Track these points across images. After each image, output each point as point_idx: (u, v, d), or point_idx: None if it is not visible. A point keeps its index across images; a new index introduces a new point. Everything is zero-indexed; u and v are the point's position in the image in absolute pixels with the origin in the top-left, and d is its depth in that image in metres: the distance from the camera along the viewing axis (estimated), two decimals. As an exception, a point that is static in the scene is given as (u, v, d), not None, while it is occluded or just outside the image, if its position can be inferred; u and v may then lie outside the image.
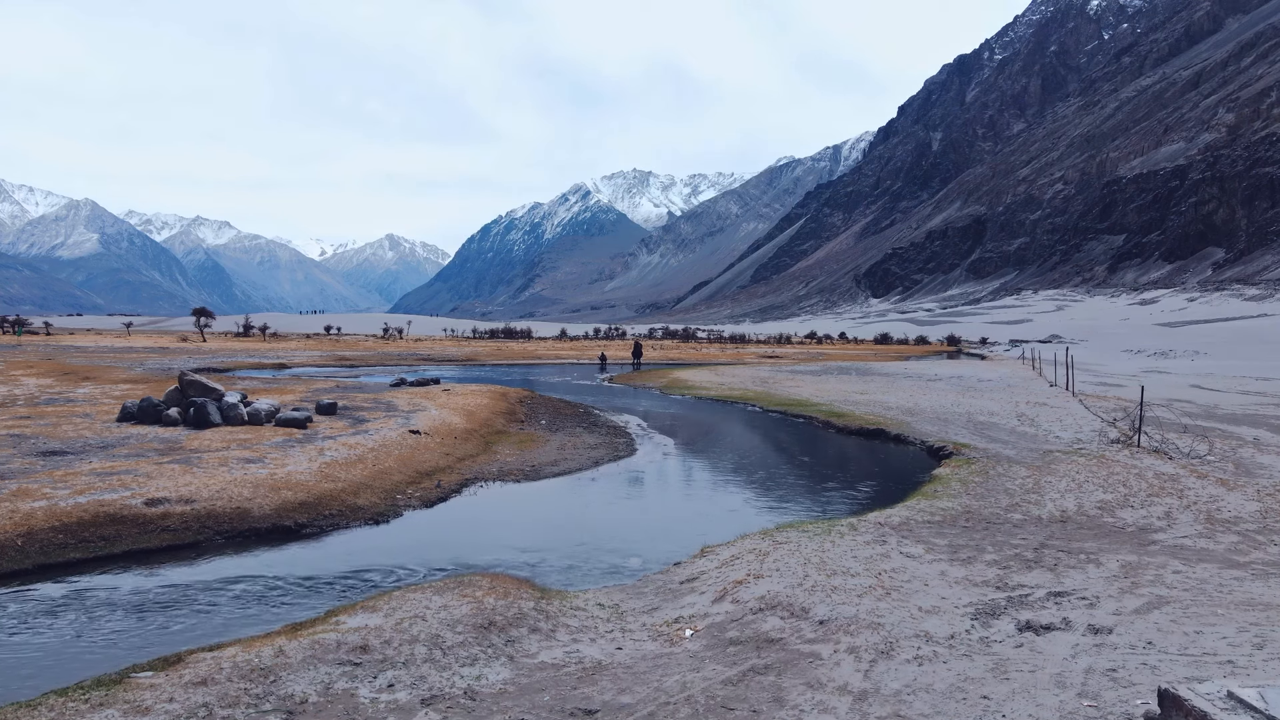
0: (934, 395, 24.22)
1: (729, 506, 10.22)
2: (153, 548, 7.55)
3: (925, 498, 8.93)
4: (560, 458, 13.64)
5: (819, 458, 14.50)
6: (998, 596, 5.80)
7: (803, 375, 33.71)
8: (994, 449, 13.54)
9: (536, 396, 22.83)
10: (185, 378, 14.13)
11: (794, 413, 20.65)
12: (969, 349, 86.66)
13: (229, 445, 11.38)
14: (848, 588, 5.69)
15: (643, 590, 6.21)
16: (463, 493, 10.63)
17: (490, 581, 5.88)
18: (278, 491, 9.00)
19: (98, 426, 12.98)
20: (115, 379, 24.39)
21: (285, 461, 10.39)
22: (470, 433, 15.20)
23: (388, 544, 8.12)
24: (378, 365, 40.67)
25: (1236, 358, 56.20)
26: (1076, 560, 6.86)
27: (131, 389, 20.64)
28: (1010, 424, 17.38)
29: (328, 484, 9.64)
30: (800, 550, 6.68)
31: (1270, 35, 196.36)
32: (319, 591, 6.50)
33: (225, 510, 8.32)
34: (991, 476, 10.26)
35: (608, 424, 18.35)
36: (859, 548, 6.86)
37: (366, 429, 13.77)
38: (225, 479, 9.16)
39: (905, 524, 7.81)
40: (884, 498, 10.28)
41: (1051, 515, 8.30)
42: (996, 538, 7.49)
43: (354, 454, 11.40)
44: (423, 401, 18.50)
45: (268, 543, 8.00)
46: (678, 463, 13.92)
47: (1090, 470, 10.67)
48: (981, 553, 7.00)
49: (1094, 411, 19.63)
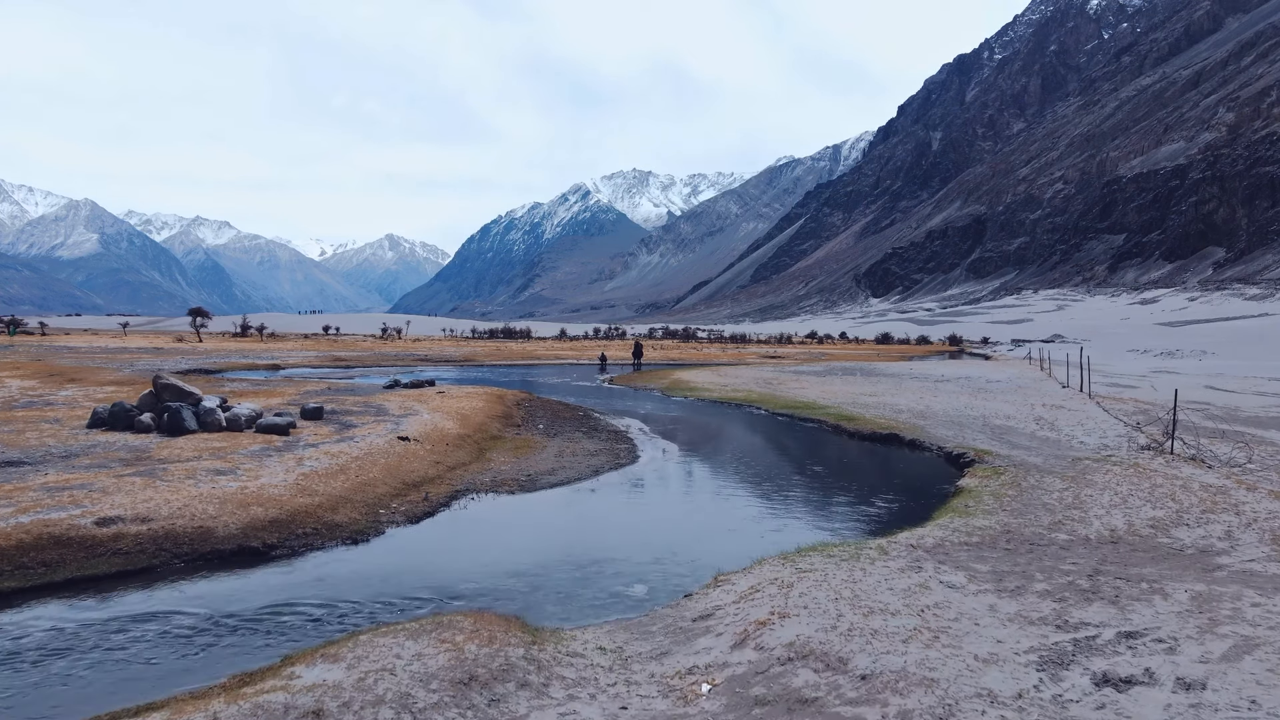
0: (945, 397, 23.43)
1: (740, 522, 9.42)
2: (100, 574, 6.76)
3: (958, 515, 8.13)
4: (558, 465, 12.84)
5: (832, 465, 13.70)
6: (1062, 639, 5.00)
7: (807, 376, 32.92)
8: (1017, 456, 12.75)
9: (534, 398, 22.03)
10: (160, 381, 13.32)
11: (801, 416, 19.86)
12: (971, 349, 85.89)
13: (200, 454, 10.57)
14: (889, 630, 4.89)
15: (650, 629, 5.41)
16: (452, 506, 9.82)
17: (473, 622, 5.09)
18: (247, 508, 8.19)
19: (65, 433, 12.17)
20: (101, 381, 23.56)
21: (259, 473, 9.59)
22: (463, 439, 14.41)
23: (365, 568, 7.32)
24: (373, 366, 39.86)
25: (1244, 358, 55.43)
26: (1139, 590, 6.07)
27: (116, 391, 19.83)
28: (1029, 428, 16.59)
29: (303, 498, 8.84)
30: (828, 581, 5.88)
31: (1270, 34, 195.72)
32: (278, 630, 5.70)
33: (186, 530, 7.52)
34: (1025, 489, 9.46)
35: (608, 428, 17.56)
36: (893, 576, 6.06)
37: (353, 435, 12.97)
38: (190, 494, 8.36)
39: (940, 546, 7.01)
40: (909, 513, 9.49)
41: (1100, 535, 7.51)
42: (1044, 562, 6.70)
43: (336, 464, 10.60)
44: (415, 405, 17.71)
45: (231, 567, 7.20)
46: (683, 471, 13.12)
47: (1131, 481, 9.87)
48: (1030, 581, 6.21)
49: (1114, 414, 18.84)
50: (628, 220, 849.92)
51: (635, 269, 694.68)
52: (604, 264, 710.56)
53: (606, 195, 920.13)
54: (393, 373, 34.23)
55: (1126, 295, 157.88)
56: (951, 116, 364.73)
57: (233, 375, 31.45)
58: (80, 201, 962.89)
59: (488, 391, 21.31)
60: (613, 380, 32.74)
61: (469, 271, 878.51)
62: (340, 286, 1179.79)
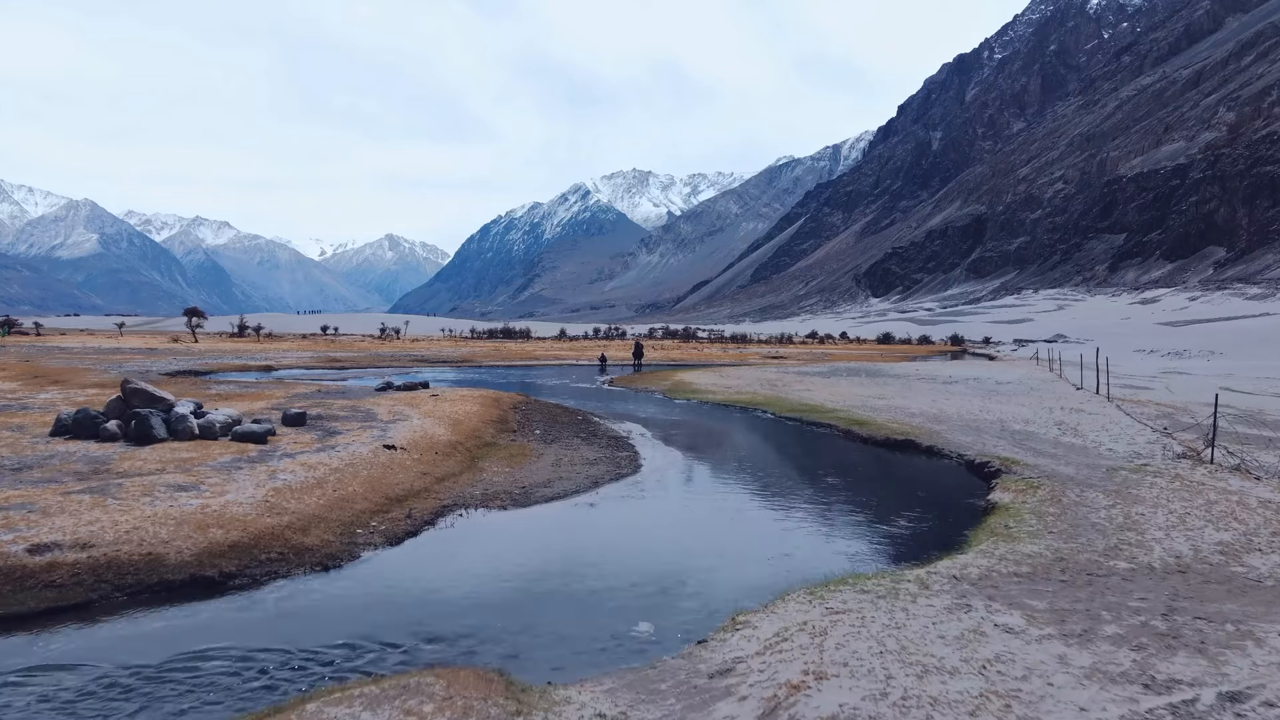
0: (957, 400, 22.59)
1: (754, 543, 8.56)
2: (28, 611, 5.89)
3: (1000, 539, 7.27)
4: (555, 476, 11.99)
5: (848, 475, 12.84)
6: (1156, 704, 4.15)
7: (812, 377, 32.07)
8: (1046, 465, 11.90)
9: (532, 401, 21.19)
10: (128, 386, 12.45)
11: (810, 420, 19.01)
12: (974, 349, 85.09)
13: (165, 467, 9.70)
14: (951, 698, 4.03)
15: (658, 687, 4.55)
16: (437, 524, 8.96)
17: (446, 685, 4.22)
18: (205, 530, 7.33)
19: (24, 442, 11.31)
20: (85, 383, 22.69)
21: (226, 488, 8.72)
22: (455, 446, 13.55)
23: (332, 602, 6.45)
24: (369, 367, 38.99)
25: (1252, 357, 54.63)
26: (1225, 634, 5.22)
27: (99, 394, 18.93)
28: (1051, 434, 15.74)
29: (271, 518, 7.97)
30: (867, 626, 5.03)
31: (1270, 34, 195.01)
32: (213, 687, 4.82)
33: (132, 558, 6.66)
34: (1067, 506, 8.60)
35: (608, 434, 16.70)
36: (941, 619, 5.21)
37: (335, 444, 12.11)
38: (142, 514, 7.49)
39: (987, 578, 6.16)
40: (941, 533, 8.63)
41: (1165, 563, 6.66)
42: (1108, 598, 5.84)
43: (313, 476, 9.73)
44: (406, 409, 16.84)
45: (180, 600, 6.34)
46: (688, 482, 12.26)
47: (1182, 497, 9.02)
48: (1098, 622, 5.35)
49: (1137, 418, 18.00)
50: (627, 220, 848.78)
51: (635, 269, 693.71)
52: (604, 264, 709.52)
53: (606, 195, 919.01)
54: (388, 374, 33.36)
55: (1127, 295, 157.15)
56: (951, 116, 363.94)
57: (222, 377, 30.58)
58: (80, 201, 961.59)
59: (483, 394, 20.45)
60: (613, 382, 31.88)
61: (469, 271, 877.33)
62: (340, 287, 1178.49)
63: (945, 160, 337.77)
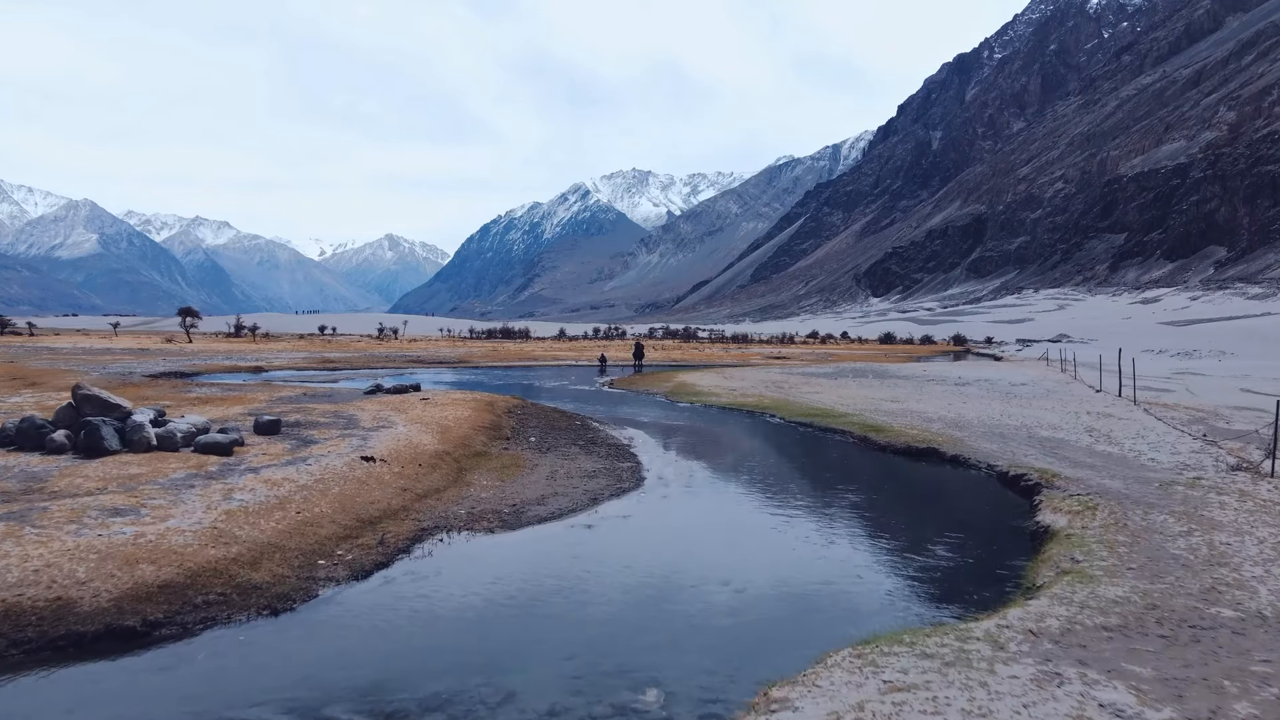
0: (974, 403, 21.49)
1: (775, 575, 7.44)
2: (-106, 677, 4.79)
3: (1074, 577, 6.14)
4: (549, 492, 10.88)
5: (871, 490, 11.73)
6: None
7: (818, 379, 30.96)
8: (1089, 479, 10.79)
9: (528, 405, 20.07)
10: (80, 391, 11.33)
11: (822, 425, 17.90)
12: (977, 349, 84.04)
13: (105, 485, 8.58)
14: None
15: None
16: (413, 553, 7.84)
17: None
18: (132, 567, 6.21)
19: (-40, 455, 10.18)
20: (62, 385, 21.52)
21: (170, 512, 7.60)
22: (441, 456, 12.43)
23: (273, 660, 5.33)
24: (362, 368, 37.87)
25: (1263, 357, 53.57)
26: (1389, 714, 4.11)
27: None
28: (1083, 441, 14.64)
29: (217, 549, 6.86)
30: (943, 711, 3.92)
31: (1271, 33, 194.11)
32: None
33: (35, 604, 5.54)
34: (1136, 532, 7.49)
35: (608, 441, 15.60)
36: (1034, 699, 4.09)
37: (308, 455, 10.99)
38: (61, 547, 6.37)
39: (1071, 632, 5.05)
40: (990, 565, 7.52)
41: (1276, 608, 5.55)
42: (1224, 661, 4.74)
43: (275, 495, 8.62)
44: (392, 415, 15.72)
45: (89, 658, 5.21)
46: (696, 500, 11.14)
47: (1264, 521, 7.91)
48: (1225, 698, 4.25)
49: (1170, 424, 16.89)
50: (627, 220, 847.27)
51: (635, 269, 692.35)
52: (604, 264, 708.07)
53: (606, 195, 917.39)
54: (381, 375, 32.24)
55: (1128, 295, 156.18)
56: (951, 116, 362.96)
57: (208, 379, 29.47)
58: (80, 201, 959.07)
59: (477, 398, 19.33)
60: (613, 383, 30.77)
61: (469, 271, 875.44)
62: (340, 286, 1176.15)
63: (945, 160, 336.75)
